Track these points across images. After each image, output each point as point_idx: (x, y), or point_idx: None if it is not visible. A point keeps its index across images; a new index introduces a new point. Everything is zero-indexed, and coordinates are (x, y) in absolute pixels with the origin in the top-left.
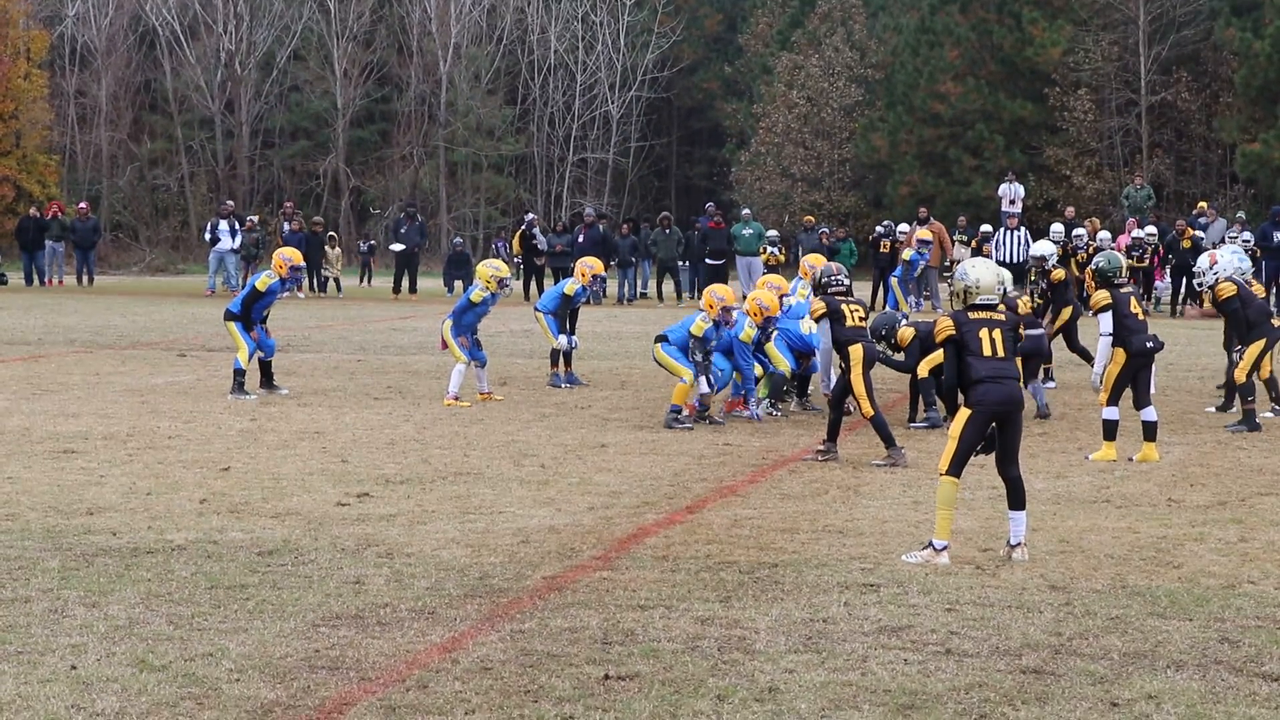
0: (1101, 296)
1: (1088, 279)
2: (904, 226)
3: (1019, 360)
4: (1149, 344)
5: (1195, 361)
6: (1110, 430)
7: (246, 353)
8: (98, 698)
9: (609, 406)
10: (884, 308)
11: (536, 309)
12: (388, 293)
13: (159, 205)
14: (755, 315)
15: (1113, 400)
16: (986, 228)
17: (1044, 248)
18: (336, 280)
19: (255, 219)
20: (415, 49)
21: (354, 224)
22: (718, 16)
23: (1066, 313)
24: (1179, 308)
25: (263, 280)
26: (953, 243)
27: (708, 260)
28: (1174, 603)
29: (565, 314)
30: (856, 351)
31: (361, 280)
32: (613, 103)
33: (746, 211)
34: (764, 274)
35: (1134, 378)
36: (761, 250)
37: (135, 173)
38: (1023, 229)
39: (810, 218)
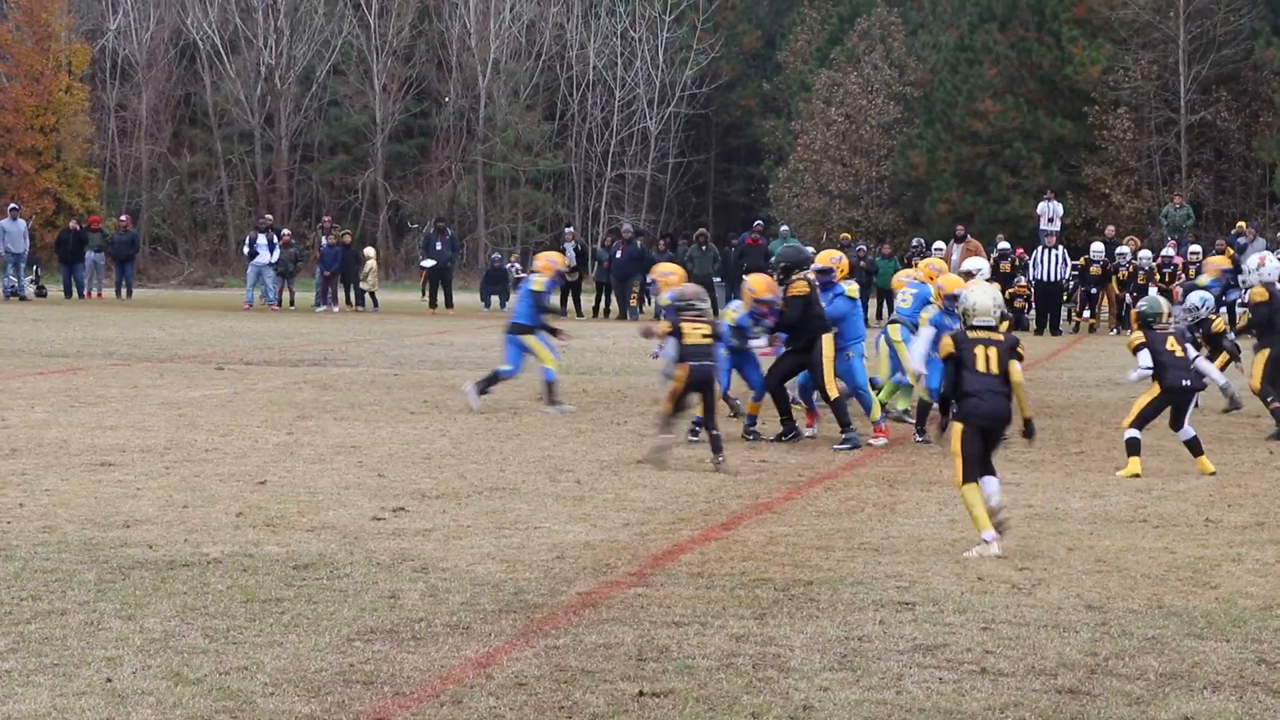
0: (1136, 338)
1: (1131, 318)
2: (939, 244)
3: None
4: (1185, 381)
5: (1233, 380)
6: (1133, 447)
7: (553, 360)
8: (133, 711)
9: (645, 422)
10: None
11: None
12: (433, 306)
13: (198, 219)
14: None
15: (1136, 424)
16: (1005, 245)
17: (975, 263)
18: (373, 294)
19: (289, 233)
20: (454, 64)
21: (392, 238)
22: (756, 33)
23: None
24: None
25: (537, 281)
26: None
27: (744, 277)
28: (1211, 624)
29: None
30: (683, 370)
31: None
32: (651, 119)
33: (785, 228)
34: None
35: (1171, 407)
36: None
37: (174, 186)
38: (1060, 247)
39: (847, 234)
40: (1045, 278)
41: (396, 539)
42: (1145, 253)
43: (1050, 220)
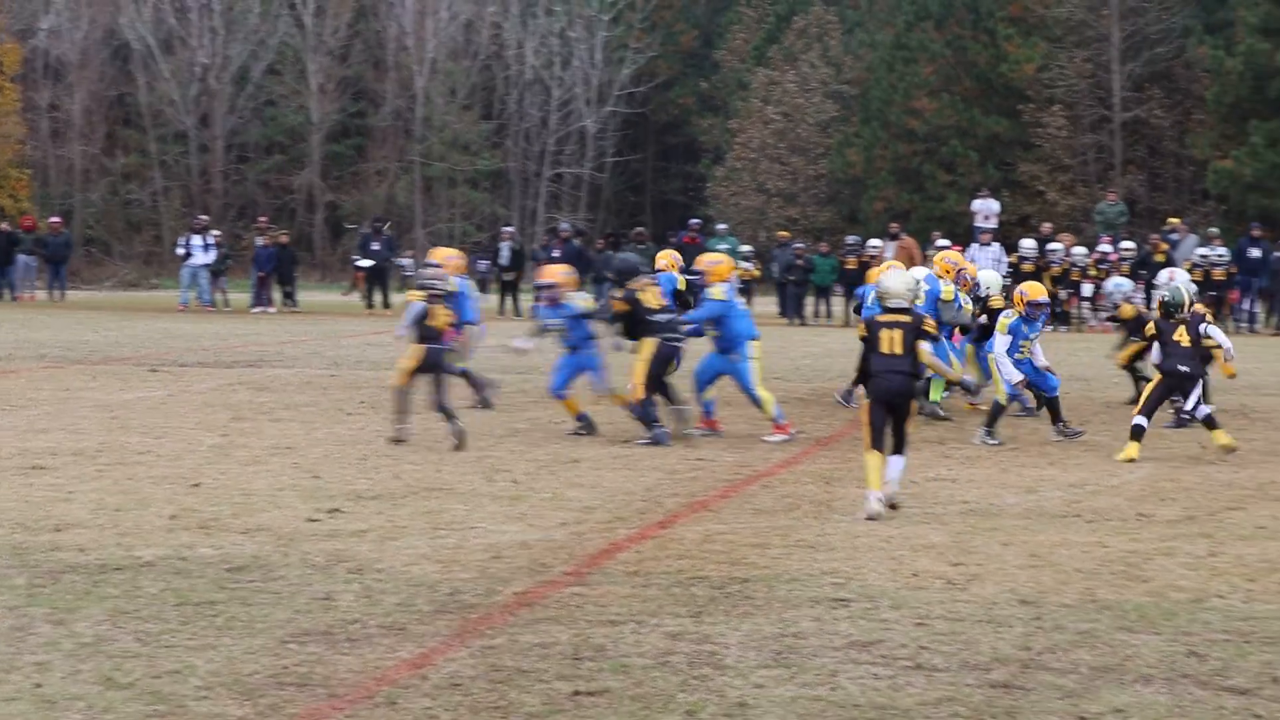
0: (1149, 329)
1: (1156, 307)
2: (875, 242)
3: None
4: (1180, 367)
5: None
6: (1136, 433)
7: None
8: (62, 716)
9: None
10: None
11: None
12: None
13: (132, 220)
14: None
15: (1144, 412)
16: (944, 242)
17: (989, 278)
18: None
19: (218, 234)
20: (391, 64)
21: (329, 239)
22: (694, 32)
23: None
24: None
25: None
26: (924, 257)
27: (683, 274)
28: (1143, 617)
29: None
30: (418, 349)
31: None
32: (589, 118)
33: (722, 226)
34: (738, 288)
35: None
36: (736, 265)
37: (108, 187)
38: (995, 244)
39: (785, 233)
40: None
41: (332, 540)
42: (1080, 249)
43: (986, 218)
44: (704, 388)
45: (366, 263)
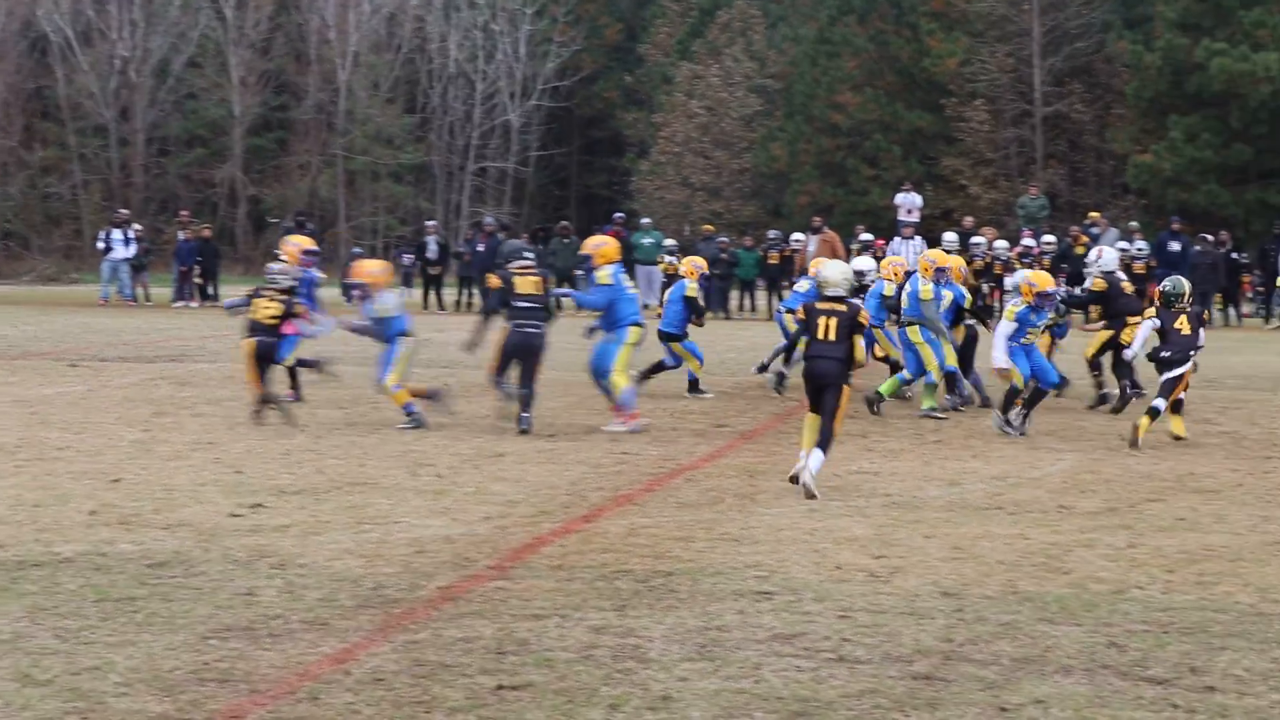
0: (1150, 313)
1: (1154, 295)
2: (798, 236)
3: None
4: (1164, 353)
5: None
6: (1176, 407)
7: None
8: None
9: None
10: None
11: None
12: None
13: (51, 214)
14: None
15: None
16: (866, 236)
17: (864, 263)
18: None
19: (140, 228)
20: (313, 57)
21: (251, 233)
22: (618, 26)
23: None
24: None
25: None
26: (847, 251)
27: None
28: (1063, 608)
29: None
30: (248, 342)
31: None
32: (513, 112)
33: (646, 220)
34: (663, 283)
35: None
36: (660, 259)
37: (26, 181)
38: (917, 238)
39: (709, 226)
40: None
41: (254, 535)
42: (1001, 243)
43: (909, 212)
44: (604, 377)
45: None
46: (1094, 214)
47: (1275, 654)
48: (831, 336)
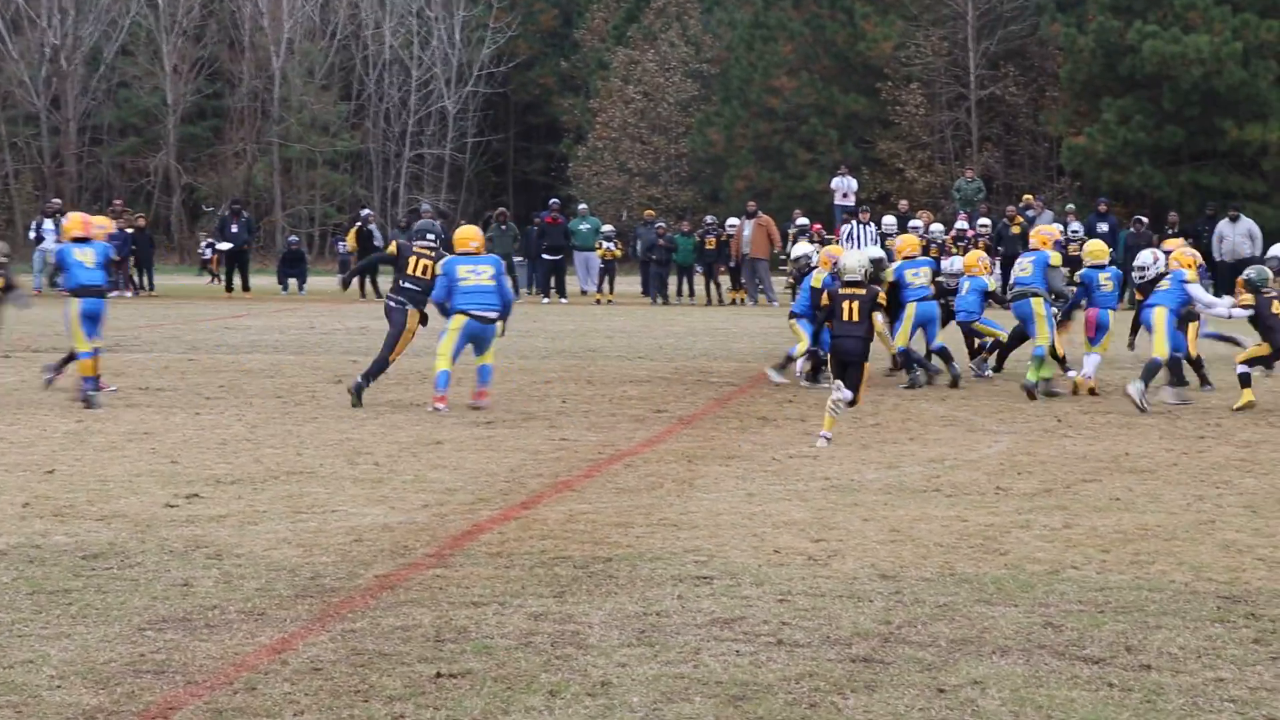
0: (1246, 299)
1: (1238, 287)
2: (733, 220)
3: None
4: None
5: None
6: (1244, 380)
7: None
8: None
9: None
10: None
11: None
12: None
13: None
14: None
15: (1248, 362)
16: (803, 220)
17: (803, 248)
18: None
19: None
20: (247, 44)
21: (186, 222)
22: (553, 12)
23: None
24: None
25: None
26: (783, 235)
27: (544, 255)
28: (1000, 589)
29: None
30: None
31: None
32: (449, 98)
33: (583, 207)
34: (600, 268)
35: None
36: (598, 245)
37: None
38: (872, 224)
39: (651, 211)
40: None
41: (190, 526)
42: (937, 226)
43: (845, 195)
44: (455, 357)
45: (225, 245)
46: (1027, 196)
47: (1209, 632)
48: (855, 317)
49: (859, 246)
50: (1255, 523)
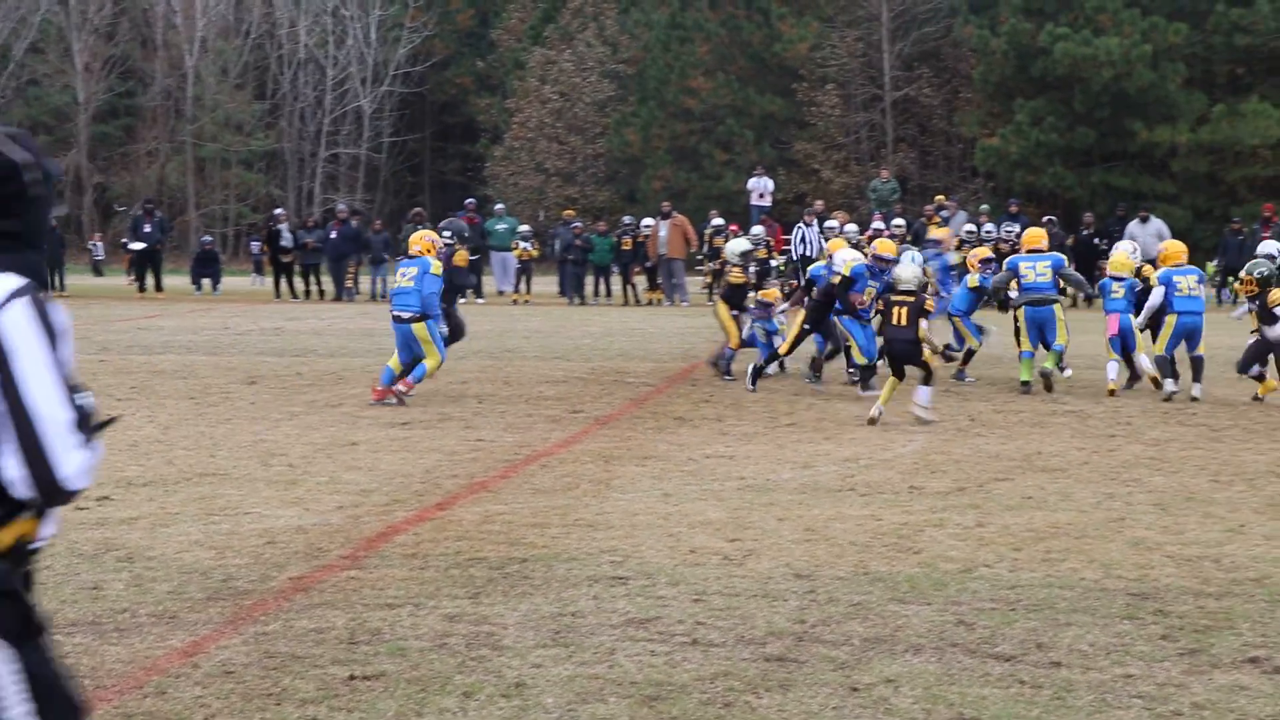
0: (1276, 297)
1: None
2: (648, 221)
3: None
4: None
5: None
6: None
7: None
8: None
9: (360, 404)
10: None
11: None
12: (152, 291)
13: None
14: None
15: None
16: (719, 221)
17: (739, 245)
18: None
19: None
20: (160, 42)
21: (98, 221)
22: (470, 11)
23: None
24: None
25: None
26: (700, 236)
27: None
28: (914, 587)
29: None
30: None
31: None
32: (365, 98)
33: (500, 206)
34: (517, 268)
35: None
36: (514, 245)
37: None
38: (852, 224)
39: (570, 211)
40: (809, 252)
41: (100, 528)
42: (852, 226)
43: (761, 196)
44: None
45: (138, 245)
46: (940, 197)
47: (1118, 629)
48: (904, 322)
49: (810, 247)
50: (1164, 520)
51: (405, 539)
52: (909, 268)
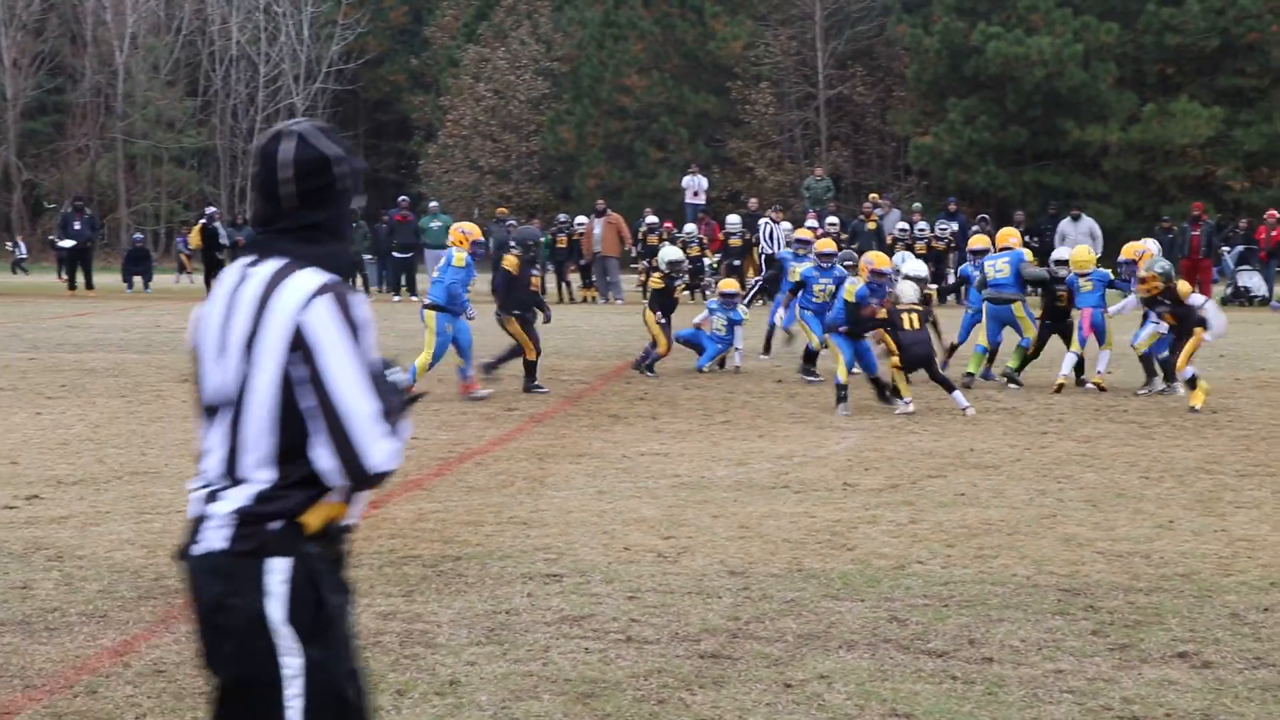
0: (1184, 288)
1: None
2: (581, 219)
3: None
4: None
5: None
6: (1193, 382)
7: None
8: None
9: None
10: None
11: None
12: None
13: None
14: None
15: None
16: (653, 219)
17: (670, 254)
18: None
19: None
20: (89, 39)
21: (28, 218)
22: (403, 9)
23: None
24: None
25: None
26: (634, 234)
27: (395, 254)
28: (847, 584)
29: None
30: None
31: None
32: (297, 95)
33: (434, 204)
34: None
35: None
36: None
37: None
38: (786, 222)
39: (504, 209)
40: (773, 250)
41: (30, 528)
42: (786, 224)
43: (696, 194)
44: None
45: (68, 243)
46: (874, 195)
47: (1050, 624)
48: (916, 327)
49: (775, 244)
50: (1095, 516)
51: None
52: (908, 287)
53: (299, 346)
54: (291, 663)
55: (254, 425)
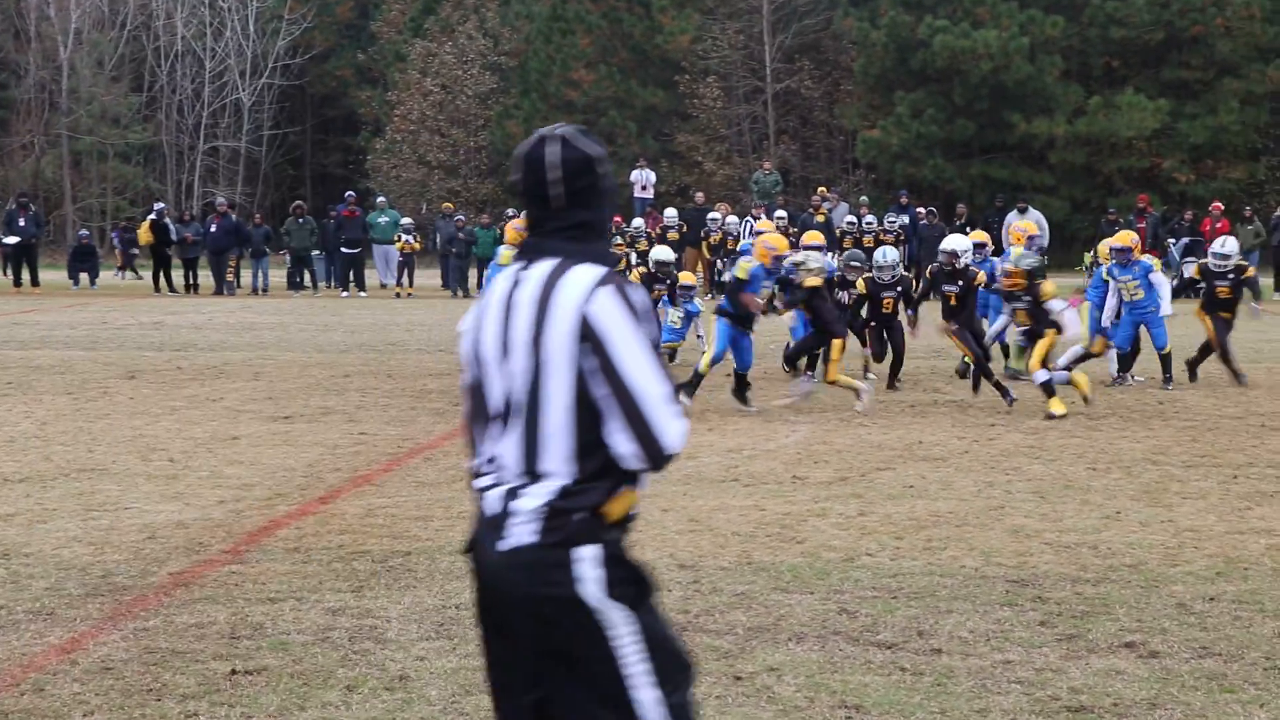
0: (1049, 289)
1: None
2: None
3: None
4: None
5: None
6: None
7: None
8: None
9: (242, 398)
10: None
11: None
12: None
13: None
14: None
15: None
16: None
17: (663, 253)
18: None
19: None
20: (33, 34)
21: None
22: (349, 3)
23: None
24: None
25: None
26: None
27: (343, 249)
28: (796, 577)
29: None
30: None
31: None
32: (244, 90)
33: (382, 199)
34: (400, 261)
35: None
36: (397, 238)
37: None
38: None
39: (449, 205)
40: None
41: None
42: (733, 218)
43: (644, 188)
44: None
45: (12, 240)
46: (822, 189)
47: (998, 615)
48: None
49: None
50: (1043, 508)
51: (287, 533)
52: (813, 256)
53: (587, 338)
54: (624, 632)
55: (552, 421)
